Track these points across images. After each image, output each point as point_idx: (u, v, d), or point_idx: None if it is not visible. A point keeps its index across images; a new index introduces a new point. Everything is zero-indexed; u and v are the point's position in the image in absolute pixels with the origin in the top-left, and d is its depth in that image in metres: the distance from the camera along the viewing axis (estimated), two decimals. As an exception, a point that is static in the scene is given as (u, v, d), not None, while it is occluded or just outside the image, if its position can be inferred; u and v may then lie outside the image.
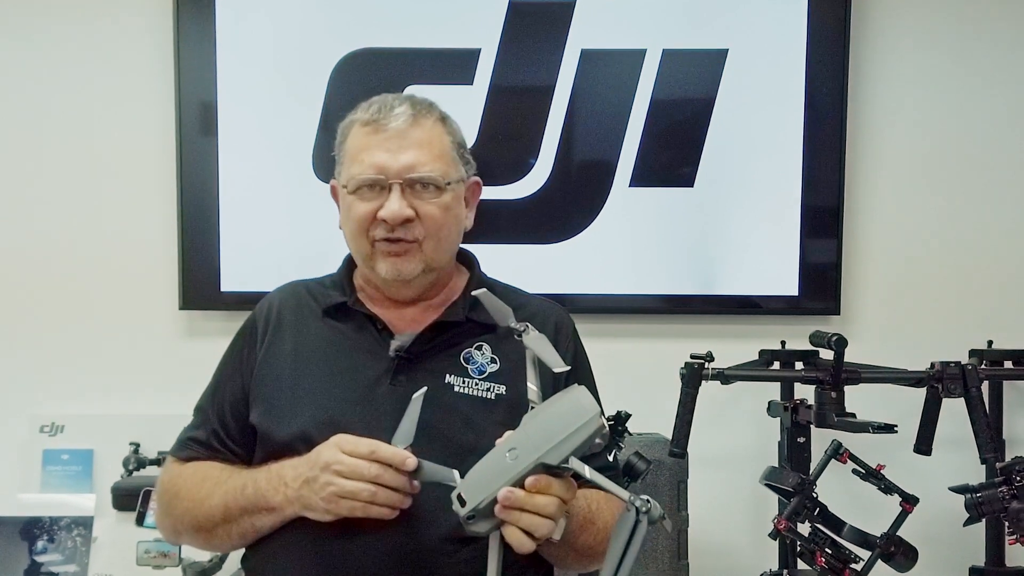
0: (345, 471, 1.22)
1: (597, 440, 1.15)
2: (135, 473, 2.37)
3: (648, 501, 1.10)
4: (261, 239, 2.51)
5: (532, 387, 1.24)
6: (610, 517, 1.36)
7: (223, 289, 2.51)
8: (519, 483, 1.15)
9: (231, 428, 1.43)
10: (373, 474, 1.21)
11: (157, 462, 2.36)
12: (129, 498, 2.27)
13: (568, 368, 1.26)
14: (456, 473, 1.21)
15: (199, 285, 2.52)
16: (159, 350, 2.55)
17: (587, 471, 1.14)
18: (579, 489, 1.25)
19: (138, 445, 2.42)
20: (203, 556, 2.19)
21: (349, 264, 1.51)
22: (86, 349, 2.55)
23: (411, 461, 1.22)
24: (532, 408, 1.22)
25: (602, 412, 1.16)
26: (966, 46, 2.53)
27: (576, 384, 1.21)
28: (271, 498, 1.30)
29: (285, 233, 2.50)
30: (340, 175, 1.44)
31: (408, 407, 1.24)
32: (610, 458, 1.30)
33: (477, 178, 1.51)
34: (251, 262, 2.50)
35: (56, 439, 2.48)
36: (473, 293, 1.35)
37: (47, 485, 2.46)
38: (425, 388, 1.26)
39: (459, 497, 1.18)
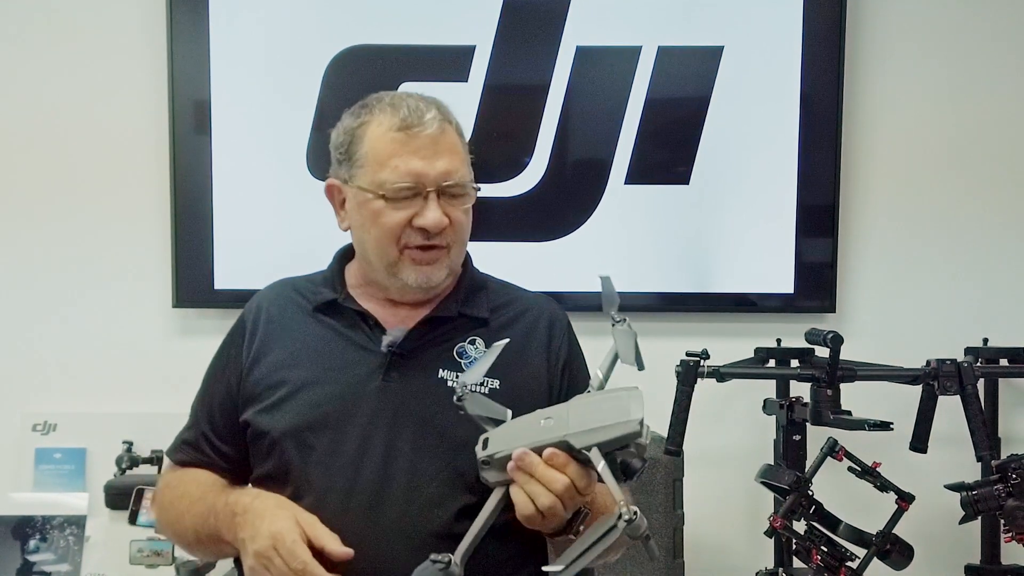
0: (274, 572, 1.22)
1: (632, 448, 1.15)
2: (128, 472, 2.36)
3: (636, 513, 1.09)
4: (255, 237, 2.50)
5: (599, 373, 1.26)
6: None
7: (216, 287, 2.51)
8: (540, 451, 1.16)
9: (220, 429, 1.43)
10: None
11: (150, 460, 2.36)
12: (122, 497, 2.27)
13: (633, 365, 1.27)
14: (509, 413, 1.22)
15: (192, 283, 2.51)
16: (152, 348, 2.54)
17: (600, 465, 1.14)
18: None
19: (131, 444, 2.41)
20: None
21: (340, 261, 1.50)
22: (79, 347, 2.54)
23: None
24: (589, 391, 1.23)
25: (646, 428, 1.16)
26: (961, 43, 2.52)
27: (637, 388, 1.20)
28: (224, 533, 1.32)
29: (279, 231, 2.50)
30: (356, 178, 1.38)
31: (486, 353, 1.27)
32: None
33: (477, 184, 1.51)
34: (245, 260, 2.50)
35: (49, 438, 2.48)
36: (599, 275, 1.33)
37: (39, 484, 2.45)
38: (507, 340, 1.29)
39: (485, 440, 1.19)
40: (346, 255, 1.50)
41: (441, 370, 1.37)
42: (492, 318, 1.44)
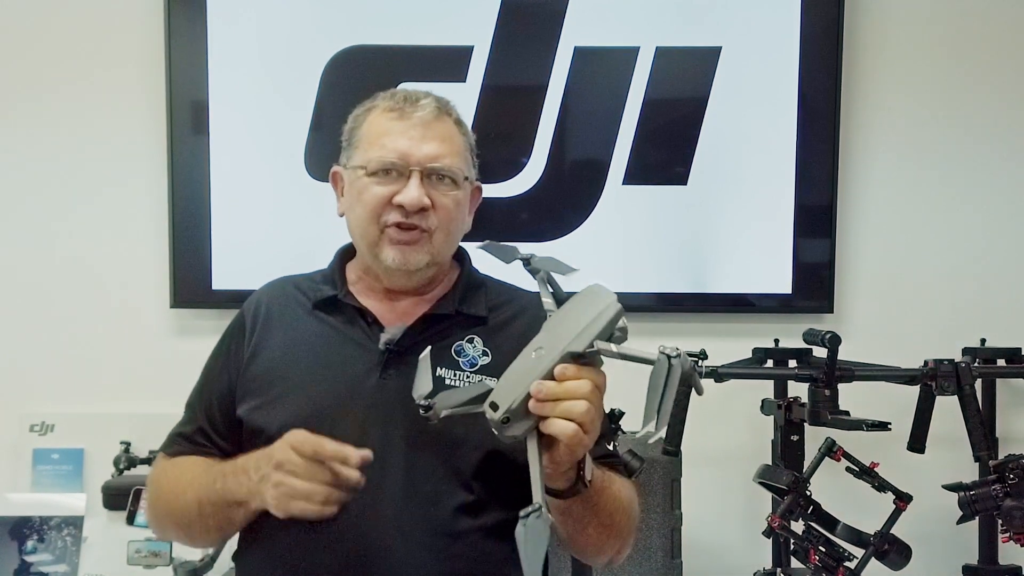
0: (299, 472, 1.22)
1: (619, 325, 1.17)
2: (126, 472, 2.36)
3: (677, 349, 1.12)
4: (252, 237, 2.50)
5: (546, 300, 1.27)
6: (621, 485, 1.37)
7: (214, 287, 2.50)
8: (549, 377, 1.15)
9: (218, 424, 1.43)
10: (328, 478, 1.22)
11: (148, 461, 2.35)
12: (120, 497, 2.26)
13: (578, 270, 1.29)
14: (490, 382, 1.22)
15: (190, 283, 2.51)
16: (150, 349, 2.54)
17: (614, 347, 1.16)
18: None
19: (129, 444, 2.41)
20: (194, 555, 2.18)
21: (341, 258, 1.51)
22: (77, 348, 2.54)
23: (354, 458, 1.22)
24: (549, 316, 1.24)
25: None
26: (960, 44, 2.53)
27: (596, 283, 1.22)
28: (237, 492, 1.30)
29: (277, 231, 2.49)
30: (352, 159, 1.43)
31: (418, 367, 1.25)
32: (610, 447, 1.30)
33: (480, 184, 1.51)
34: (242, 260, 2.49)
35: (46, 438, 2.47)
36: (477, 247, 1.38)
37: (37, 484, 2.45)
38: (430, 347, 1.28)
39: (491, 404, 1.18)
40: (347, 253, 1.51)
41: (439, 368, 1.36)
42: (490, 317, 1.44)
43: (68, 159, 2.54)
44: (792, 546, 2.09)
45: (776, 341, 2.32)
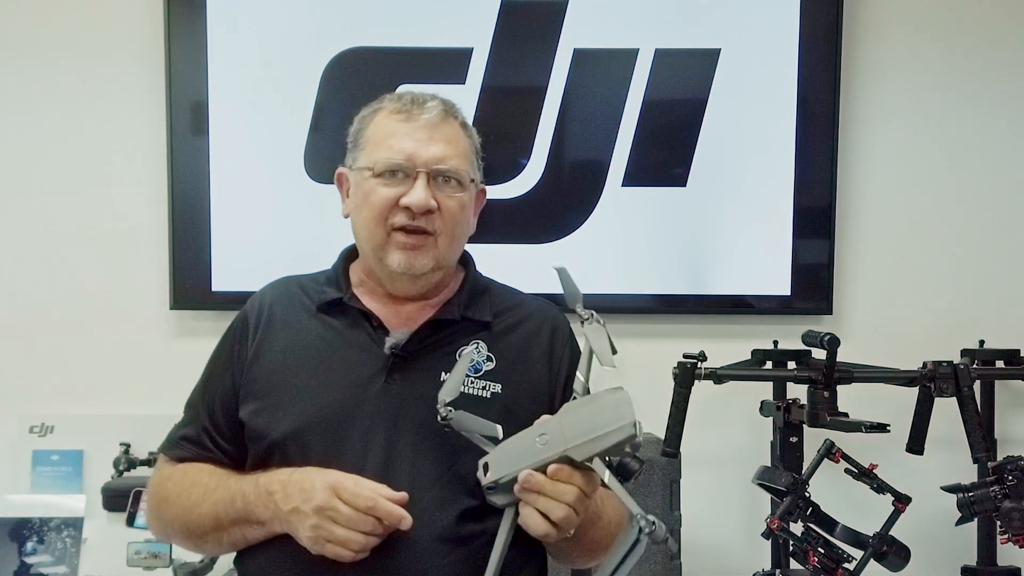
0: (341, 520, 1.22)
1: (627, 448, 1.16)
2: (125, 474, 2.36)
3: (654, 522, 1.09)
4: (252, 238, 2.50)
5: (580, 377, 1.26)
6: (613, 513, 1.38)
7: (214, 289, 2.50)
8: (543, 468, 1.17)
9: (221, 425, 1.42)
10: (369, 528, 1.22)
11: (148, 463, 2.36)
12: (119, 499, 2.26)
13: (614, 368, 1.27)
14: (499, 428, 1.23)
15: (190, 285, 2.51)
16: (150, 350, 2.54)
17: (606, 476, 1.16)
18: None
19: (128, 445, 2.41)
20: (194, 557, 2.18)
21: (345, 260, 1.50)
22: (76, 349, 2.54)
23: (407, 521, 1.23)
24: (575, 398, 1.24)
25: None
26: (959, 45, 2.53)
27: (622, 388, 1.20)
28: (259, 513, 1.31)
29: (277, 232, 2.49)
30: (358, 160, 1.43)
31: (456, 365, 1.28)
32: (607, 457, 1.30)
33: (484, 186, 1.51)
34: (242, 262, 2.49)
35: (46, 439, 2.47)
36: (554, 267, 1.34)
37: (37, 486, 2.45)
38: (475, 345, 1.33)
39: (485, 465, 1.20)
40: (351, 254, 1.50)
41: (443, 373, 1.36)
42: (495, 322, 1.44)
43: (68, 159, 2.53)
44: (791, 547, 2.09)
45: (775, 343, 2.32)
